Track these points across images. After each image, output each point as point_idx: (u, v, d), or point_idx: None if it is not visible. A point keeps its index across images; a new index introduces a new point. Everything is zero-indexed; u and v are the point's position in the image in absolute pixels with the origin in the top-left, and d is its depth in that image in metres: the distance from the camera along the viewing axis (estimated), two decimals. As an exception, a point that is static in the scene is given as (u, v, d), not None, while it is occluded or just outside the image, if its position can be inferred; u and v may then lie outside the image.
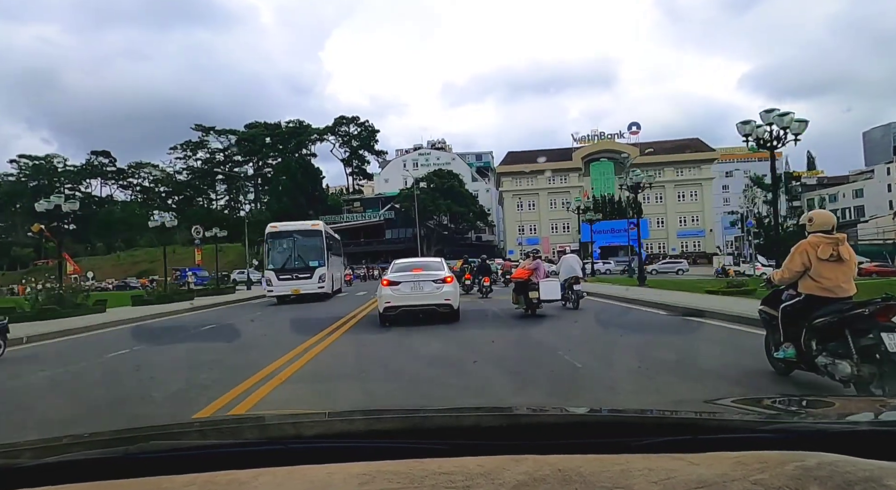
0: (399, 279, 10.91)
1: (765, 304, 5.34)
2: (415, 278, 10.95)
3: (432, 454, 0.84)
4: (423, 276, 11.01)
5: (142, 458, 0.91)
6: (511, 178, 67.68)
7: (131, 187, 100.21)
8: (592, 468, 0.76)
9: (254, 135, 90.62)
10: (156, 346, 9.92)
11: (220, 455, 0.91)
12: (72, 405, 5.44)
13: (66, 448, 1.03)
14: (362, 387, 5.74)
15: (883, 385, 4.05)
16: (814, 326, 4.56)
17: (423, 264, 12.29)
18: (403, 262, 12.38)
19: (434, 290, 10.77)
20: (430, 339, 9.09)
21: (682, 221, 65.74)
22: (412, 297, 10.69)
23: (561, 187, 67.21)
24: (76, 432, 1.13)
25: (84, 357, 8.82)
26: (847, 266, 4.65)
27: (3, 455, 0.94)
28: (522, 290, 11.48)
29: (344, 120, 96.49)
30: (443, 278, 10.98)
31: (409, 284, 10.78)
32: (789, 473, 0.73)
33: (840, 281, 4.59)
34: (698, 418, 1.20)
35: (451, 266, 15.18)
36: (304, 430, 1.14)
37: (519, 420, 1.22)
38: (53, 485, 0.79)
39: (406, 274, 11.17)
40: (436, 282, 10.87)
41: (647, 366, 6.08)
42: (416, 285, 10.79)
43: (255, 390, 5.30)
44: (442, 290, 10.80)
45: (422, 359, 7.46)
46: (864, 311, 4.27)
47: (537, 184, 67.20)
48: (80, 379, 7.08)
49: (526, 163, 67.15)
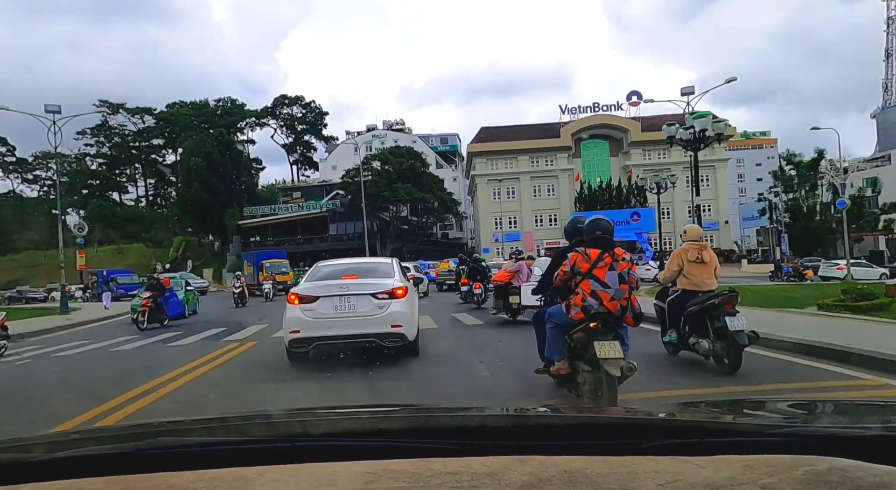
0: (316, 293, 6.93)
1: (657, 299, 6.79)
2: (342, 290, 6.89)
3: (438, 454, 0.84)
4: (356, 288, 6.91)
5: (150, 453, 0.91)
6: (485, 160, 54.80)
7: (39, 181, 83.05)
8: (599, 470, 0.76)
9: (174, 115, 75.13)
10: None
11: (228, 451, 0.92)
12: None
13: (76, 443, 1.03)
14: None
15: (729, 357, 5.60)
16: (686, 314, 6.02)
17: (361, 268, 7.87)
18: (330, 266, 8.01)
19: (374, 310, 6.82)
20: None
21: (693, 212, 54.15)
22: (337, 322, 6.78)
23: (547, 171, 54.71)
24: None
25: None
26: (708, 266, 6.15)
27: (16, 449, 0.97)
28: (503, 294, 10.94)
29: (286, 100, 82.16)
30: (390, 290, 6.94)
31: (331, 301, 6.84)
32: (799, 478, 0.71)
33: (704, 278, 6.10)
34: (706, 421, 1.18)
35: (429, 268, 17.13)
36: (311, 427, 1.13)
37: (525, 421, 1.21)
38: (64, 479, 0.80)
39: (330, 284, 7.07)
40: (377, 296, 6.86)
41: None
42: (343, 302, 6.83)
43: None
44: (388, 310, 6.84)
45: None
46: (715, 301, 5.77)
47: (517, 166, 54.53)
48: None
49: (503, 140, 54.42)
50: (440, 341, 9.03)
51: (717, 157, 53.84)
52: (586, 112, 53.61)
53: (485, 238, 54.43)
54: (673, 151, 54.59)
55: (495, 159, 54.73)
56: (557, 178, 54.50)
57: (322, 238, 53.81)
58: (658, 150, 54.43)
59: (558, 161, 54.69)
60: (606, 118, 53.43)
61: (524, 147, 53.63)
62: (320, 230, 54.17)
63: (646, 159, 54.26)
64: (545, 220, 54.69)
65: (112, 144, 76.35)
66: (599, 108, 53.56)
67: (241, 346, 9.27)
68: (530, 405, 2.73)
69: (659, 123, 56.28)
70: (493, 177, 53.90)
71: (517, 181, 54.32)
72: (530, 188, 54.66)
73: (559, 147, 53.84)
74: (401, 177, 47.60)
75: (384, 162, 48.16)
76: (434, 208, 51.69)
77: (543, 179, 54.75)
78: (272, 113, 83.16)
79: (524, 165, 54.57)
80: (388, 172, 47.76)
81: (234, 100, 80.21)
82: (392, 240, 50.31)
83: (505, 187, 53.12)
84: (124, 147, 77.52)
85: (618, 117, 53.46)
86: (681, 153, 55.18)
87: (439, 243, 62.28)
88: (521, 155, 54.18)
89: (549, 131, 54.77)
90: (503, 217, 52.69)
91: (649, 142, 53.52)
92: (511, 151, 53.98)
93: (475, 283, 14.55)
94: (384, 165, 48.32)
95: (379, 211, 49.57)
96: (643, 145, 53.74)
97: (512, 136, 54.60)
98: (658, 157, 54.64)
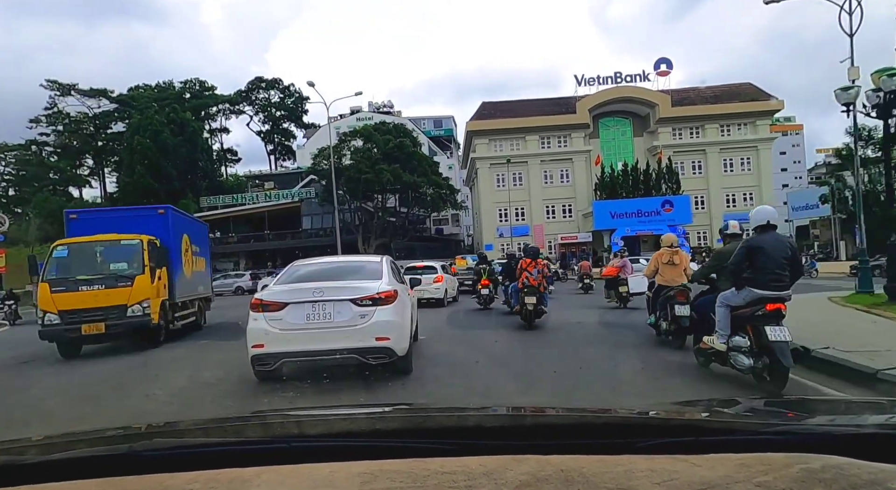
0: (284, 298, 5.80)
1: (648, 290, 8.67)
2: (316, 296, 5.72)
3: (435, 453, 0.84)
4: (333, 292, 5.77)
5: (146, 455, 0.91)
6: (486, 140, 46.50)
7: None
8: (595, 469, 0.76)
9: (135, 98, 66.44)
10: None
11: (224, 453, 0.92)
12: None
13: (71, 445, 1.02)
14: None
15: (674, 334, 7.33)
16: (659, 303, 7.73)
17: (344, 269, 6.87)
18: (307, 266, 6.94)
19: (354, 319, 5.69)
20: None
21: (730, 200, 46.08)
22: (309, 334, 5.62)
23: (560, 153, 46.46)
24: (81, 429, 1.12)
25: None
26: (678, 267, 7.77)
27: (10, 452, 0.95)
28: (613, 285, 13.47)
29: (262, 83, 73.94)
30: (374, 295, 5.80)
31: (302, 308, 5.69)
32: (793, 476, 0.72)
33: (674, 276, 7.72)
34: (702, 420, 1.19)
35: (444, 267, 17.36)
36: (307, 428, 1.15)
37: (522, 420, 1.22)
38: (59, 481, 0.79)
39: (302, 288, 5.93)
40: (359, 302, 5.74)
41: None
42: (317, 310, 5.68)
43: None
44: (371, 319, 5.70)
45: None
46: (672, 293, 7.34)
47: (525, 147, 46.27)
48: None
49: (509, 116, 46.15)
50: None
51: (761, 136, 45.80)
52: (606, 83, 45.42)
53: (487, 232, 46.14)
54: (707, 129, 46.61)
55: (499, 139, 46.43)
56: (573, 161, 46.29)
57: (294, 233, 45.34)
58: (690, 127, 46.37)
59: (573, 141, 46.44)
60: (631, 90, 45.26)
61: (533, 125, 45.40)
62: (292, 224, 45.69)
63: (676, 139, 46.13)
64: (558, 211, 46.45)
65: (65, 131, 67.55)
66: (622, 78, 45.36)
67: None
68: (526, 404, 3.08)
69: (693, 97, 48.28)
70: (496, 160, 45.60)
71: (525, 165, 46.06)
72: (540, 173, 46.41)
73: (575, 125, 45.62)
74: (387, 158, 39.21)
75: (367, 139, 39.65)
76: (427, 198, 43.27)
77: (556, 163, 46.49)
78: (247, 98, 74.87)
79: (533, 146, 46.30)
80: (370, 152, 39.29)
81: (202, 82, 71.71)
82: (377, 235, 41.92)
83: (511, 172, 44.89)
84: (80, 135, 68.81)
85: (644, 89, 45.28)
86: (717, 132, 47.32)
87: (433, 240, 53.87)
88: (529, 134, 45.93)
89: (563, 106, 46.54)
90: (508, 208, 44.46)
91: (680, 118, 45.48)
92: (518, 130, 45.74)
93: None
94: (367, 144, 39.83)
95: (361, 200, 41.13)
96: (673, 122, 45.66)
97: (519, 112, 46.35)
98: (690, 137, 46.56)
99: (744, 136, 46.03)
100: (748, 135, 45.96)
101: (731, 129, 46.18)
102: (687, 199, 41.34)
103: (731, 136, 46.08)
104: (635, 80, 45.33)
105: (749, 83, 47.60)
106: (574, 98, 46.11)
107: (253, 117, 75.68)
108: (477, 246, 52.08)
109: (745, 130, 46.20)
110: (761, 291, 4.85)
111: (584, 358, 7.20)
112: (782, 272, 4.90)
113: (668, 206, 41.06)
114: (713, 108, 45.64)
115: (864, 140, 37.81)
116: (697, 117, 45.55)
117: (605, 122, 47.40)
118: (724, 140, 45.94)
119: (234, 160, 78.77)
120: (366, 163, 38.34)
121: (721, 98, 46.30)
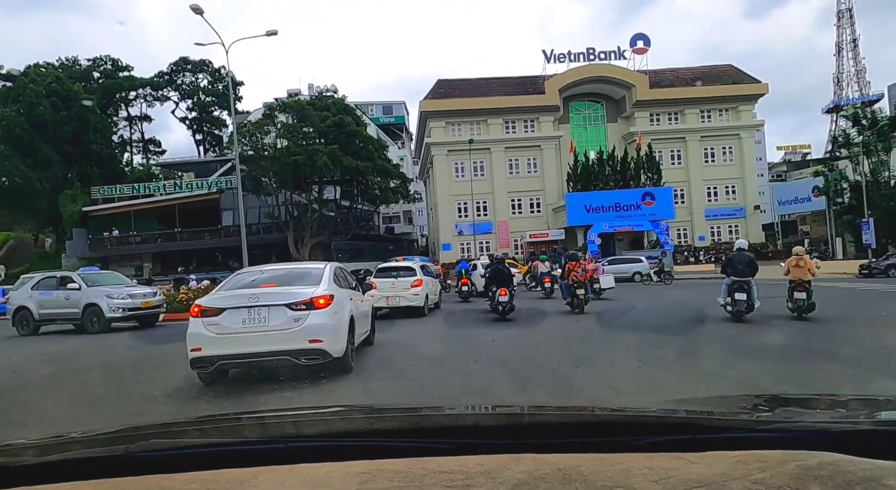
0: (221, 304, 6.07)
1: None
2: (252, 301, 5.98)
3: (432, 453, 0.85)
4: (268, 298, 6.02)
5: (143, 456, 0.91)
6: (443, 123, 40.26)
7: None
8: (593, 467, 0.76)
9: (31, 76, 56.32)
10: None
11: (221, 453, 0.92)
12: None
13: (67, 446, 1.02)
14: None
15: (801, 310, 10.28)
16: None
17: (285, 275, 6.95)
18: (251, 273, 7.18)
19: (289, 322, 5.94)
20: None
21: (712, 194, 41.68)
22: (245, 337, 5.87)
23: (527, 139, 40.79)
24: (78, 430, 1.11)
25: None
26: (803, 269, 10.24)
27: (6, 453, 0.95)
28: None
29: (188, 65, 65.17)
30: (308, 300, 6.04)
31: (239, 313, 5.95)
32: (790, 473, 0.73)
33: (799, 274, 10.24)
34: (699, 418, 1.20)
35: (427, 267, 16.20)
36: (305, 428, 1.14)
37: (519, 419, 1.22)
38: (55, 483, 0.80)
39: (239, 293, 6.22)
40: (293, 307, 5.98)
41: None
42: (253, 314, 5.94)
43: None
44: (305, 322, 5.96)
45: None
46: (794, 284, 10.38)
47: (488, 132, 40.33)
48: None
49: (468, 96, 40.10)
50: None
51: (745, 122, 41.64)
52: (578, 60, 40.09)
53: (444, 229, 39.86)
54: (687, 115, 41.97)
55: (458, 122, 40.27)
56: (541, 148, 40.71)
57: (212, 231, 37.55)
58: (669, 112, 41.68)
59: (542, 126, 40.87)
60: (605, 69, 40.08)
61: (497, 106, 39.54)
62: (210, 220, 37.88)
63: (654, 125, 41.35)
64: (525, 205, 40.74)
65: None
66: (595, 55, 40.13)
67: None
68: (523, 403, 3.07)
69: (671, 78, 43.53)
70: (455, 146, 39.43)
71: (487, 152, 40.11)
72: (505, 162, 40.58)
73: (543, 107, 40.05)
74: (324, 137, 32.22)
75: (299, 115, 32.42)
76: (374, 188, 36.51)
77: (523, 150, 40.76)
78: (171, 81, 65.88)
79: (497, 131, 40.42)
80: (301, 129, 32.13)
81: (115, 60, 62.21)
82: (313, 232, 34.80)
83: (471, 160, 38.79)
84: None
85: (620, 68, 40.22)
86: (697, 117, 42.65)
87: (383, 239, 47.09)
88: (492, 116, 40.03)
89: (530, 86, 40.92)
90: (468, 201, 38.38)
91: (658, 102, 40.70)
92: (479, 112, 39.75)
93: (500, 289, 12.03)
94: (299, 121, 32.66)
95: (292, 189, 33.91)
96: (651, 107, 40.85)
97: (480, 92, 40.39)
98: (669, 123, 41.88)
99: (726, 123, 41.76)
100: (731, 121, 41.72)
101: (713, 115, 41.79)
102: (669, 191, 36.44)
103: (713, 122, 41.69)
104: (610, 57, 40.20)
105: (730, 65, 43.50)
106: (542, 77, 40.56)
107: (179, 104, 66.80)
108: (433, 246, 45.71)
109: (727, 116, 41.94)
110: (733, 277, 10.23)
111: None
112: (743, 269, 10.23)
113: (650, 198, 35.98)
114: (693, 90, 41.15)
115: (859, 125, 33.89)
116: (677, 101, 40.92)
117: (575, 106, 42.11)
118: (706, 127, 41.51)
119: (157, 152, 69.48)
120: (297, 142, 31.23)
121: (702, 80, 41.90)
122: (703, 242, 40.62)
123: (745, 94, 40.99)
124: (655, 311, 13.30)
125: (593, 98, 42.22)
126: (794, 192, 39.24)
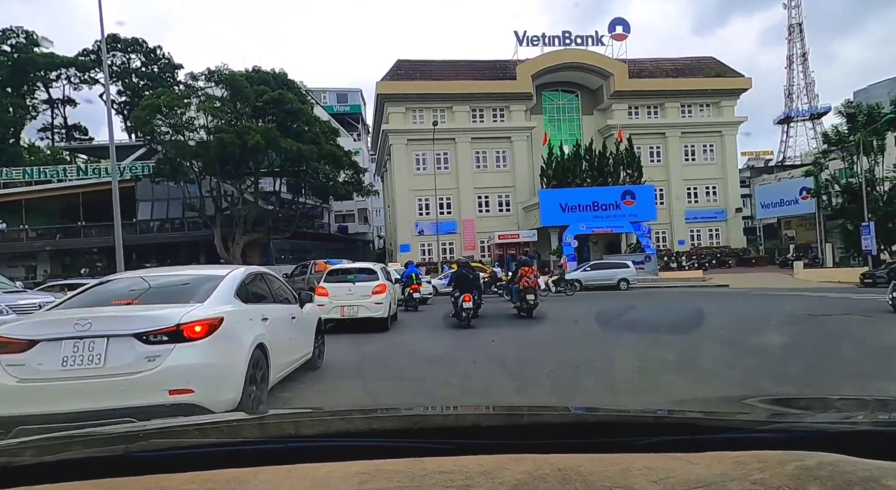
0: (31, 333, 3.77)
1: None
2: (80, 330, 3.68)
3: (432, 453, 0.85)
4: (106, 323, 3.76)
5: (142, 456, 0.91)
6: (403, 109, 35.72)
7: None
8: (592, 467, 0.76)
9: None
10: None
11: (220, 453, 0.92)
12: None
13: (66, 446, 1.01)
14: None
15: None
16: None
17: (159, 287, 4.75)
18: (112, 282, 5.02)
19: (138, 363, 3.69)
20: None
21: (692, 195, 38.73)
22: (65, 387, 3.62)
23: (496, 129, 36.72)
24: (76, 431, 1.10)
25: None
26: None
27: (6, 453, 0.94)
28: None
29: (118, 44, 58.34)
30: (172, 327, 3.78)
31: (59, 347, 3.68)
32: (789, 473, 0.73)
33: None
34: (698, 418, 1.20)
35: (387, 270, 13.66)
36: (304, 428, 1.14)
37: (519, 419, 1.23)
38: (54, 483, 0.80)
39: (67, 317, 3.87)
40: (146, 338, 3.73)
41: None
42: (81, 350, 3.66)
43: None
44: (164, 363, 3.71)
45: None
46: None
47: (453, 121, 36.05)
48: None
49: (431, 79, 35.74)
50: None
51: (726, 119, 38.92)
52: (553, 44, 36.38)
53: (402, 228, 35.26)
54: (668, 109, 38.80)
55: (419, 108, 35.82)
56: (511, 140, 36.71)
57: (126, 225, 31.64)
58: (648, 105, 38.50)
59: (513, 115, 36.91)
60: (582, 55, 36.53)
61: (463, 91, 35.35)
62: (124, 212, 31.92)
63: (632, 118, 38.06)
64: (493, 203, 36.61)
65: None
66: (572, 39, 36.53)
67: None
68: (523, 403, 2.98)
69: (652, 69, 40.13)
70: (415, 135, 34.94)
71: (452, 143, 35.82)
72: (471, 154, 36.37)
73: (514, 94, 36.10)
74: (260, 115, 27.11)
75: (233, 88, 27.16)
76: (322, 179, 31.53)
77: (491, 142, 36.65)
78: (98, 63, 58.85)
79: (463, 119, 36.19)
80: (234, 105, 26.92)
81: (30, 33, 54.79)
82: (247, 229, 29.54)
83: (434, 152, 34.40)
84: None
85: (598, 55, 36.75)
86: (678, 111, 39.27)
87: (335, 239, 42.03)
88: (458, 103, 35.79)
89: (501, 71, 36.90)
90: (432, 198, 33.94)
91: (637, 93, 37.45)
92: (443, 97, 35.44)
93: (464, 295, 11.39)
94: (231, 97, 27.41)
95: (220, 177, 28.56)
96: (629, 98, 37.55)
97: (444, 75, 36.12)
98: (648, 116, 38.69)
99: (707, 119, 38.95)
100: (712, 117, 38.93)
101: (693, 110, 38.89)
102: (650, 190, 33.08)
103: (694, 117, 38.78)
104: (587, 42, 36.69)
105: (712, 57, 40.79)
106: (514, 61, 36.63)
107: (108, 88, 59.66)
108: (390, 247, 41.00)
109: (709, 112, 39.13)
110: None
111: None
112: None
113: (630, 197, 32.43)
114: (674, 82, 38.12)
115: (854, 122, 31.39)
116: (657, 93, 37.78)
117: (549, 96, 38.40)
118: (686, 122, 38.54)
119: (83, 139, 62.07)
120: (227, 121, 26.02)
121: (682, 72, 38.97)
122: (682, 247, 37.56)
123: (727, 88, 38.25)
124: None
125: (568, 88, 38.61)
126: (779, 194, 36.68)
